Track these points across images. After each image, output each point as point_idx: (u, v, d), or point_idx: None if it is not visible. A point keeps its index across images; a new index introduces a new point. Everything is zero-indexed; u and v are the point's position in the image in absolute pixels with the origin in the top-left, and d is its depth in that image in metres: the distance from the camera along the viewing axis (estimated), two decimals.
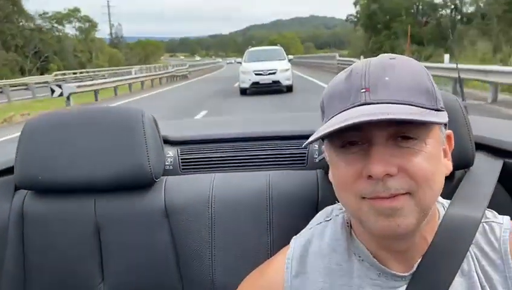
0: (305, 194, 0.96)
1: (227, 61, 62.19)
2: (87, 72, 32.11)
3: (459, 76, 1.42)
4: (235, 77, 15.95)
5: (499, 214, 0.67)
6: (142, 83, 19.06)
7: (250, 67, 13.48)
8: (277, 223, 0.95)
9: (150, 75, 21.11)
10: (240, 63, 15.04)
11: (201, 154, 1.13)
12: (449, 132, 0.65)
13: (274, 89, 13.16)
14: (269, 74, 13.27)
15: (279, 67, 13.39)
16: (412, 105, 0.57)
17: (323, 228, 0.72)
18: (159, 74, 22.76)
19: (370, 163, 0.56)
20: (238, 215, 0.97)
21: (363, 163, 0.57)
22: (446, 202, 0.70)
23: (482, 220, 0.65)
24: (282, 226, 0.94)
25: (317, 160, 1.00)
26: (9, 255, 1.00)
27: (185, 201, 0.98)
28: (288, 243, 0.74)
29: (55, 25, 40.18)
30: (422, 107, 0.57)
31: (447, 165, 0.64)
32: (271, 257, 0.79)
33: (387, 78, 0.58)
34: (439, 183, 0.60)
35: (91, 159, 0.96)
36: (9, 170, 1.03)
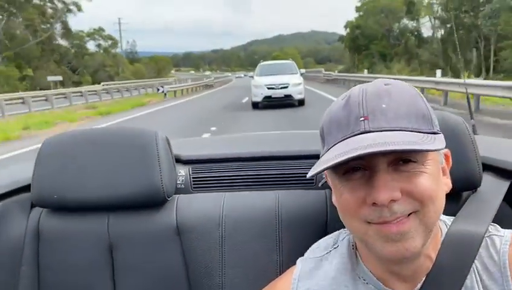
0: (314, 214, 0.98)
1: (236, 75, 66.29)
2: (125, 83, 38.43)
3: (467, 95, 1.44)
4: (247, 86, 18.73)
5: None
6: (188, 89, 27.24)
7: (262, 82, 13.60)
8: (286, 242, 0.98)
9: (197, 84, 31.07)
10: (252, 77, 15.28)
11: (212, 173, 1.15)
12: (447, 151, 0.66)
13: (286, 103, 13.42)
14: (281, 88, 13.38)
15: (291, 81, 13.50)
16: (410, 131, 0.58)
17: (327, 252, 0.74)
18: (200, 83, 32.29)
19: (374, 191, 0.57)
20: (248, 234, 0.99)
21: (367, 190, 0.58)
22: (448, 219, 0.71)
23: (485, 235, 0.65)
24: (291, 245, 0.97)
25: (320, 184, 1.02)
26: (25, 272, 1.03)
27: (196, 220, 1.01)
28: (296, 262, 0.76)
29: (83, 42, 46.95)
30: (420, 132, 0.59)
31: (447, 183, 0.65)
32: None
33: (384, 105, 0.59)
34: (441, 200, 0.61)
35: (105, 178, 0.99)
36: (26, 188, 1.06)
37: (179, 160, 1.17)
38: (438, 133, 0.61)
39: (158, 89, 22.79)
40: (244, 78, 40.45)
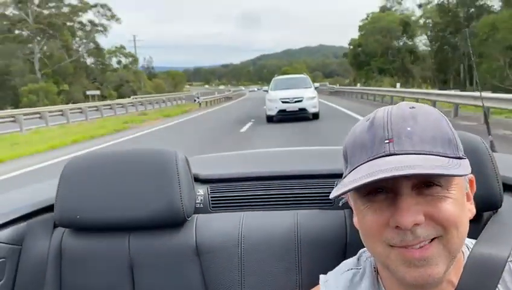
0: (333, 234, 0.98)
1: (250, 89, 67.61)
2: (151, 97, 42.31)
3: (484, 109, 1.49)
4: (261, 97, 21.36)
5: None
6: (214, 100, 31.82)
7: (276, 95, 13.83)
8: (305, 263, 0.98)
9: (221, 96, 35.88)
10: (266, 91, 15.52)
11: (231, 192, 1.16)
12: (471, 176, 0.65)
13: (300, 116, 13.50)
14: (295, 101, 13.54)
15: (306, 95, 13.67)
16: (435, 155, 0.58)
17: (352, 275, 0.73)
18: (223, 95, 37.31)
19: (398, 214, 0.57)
20: (267, 254, 0.99)
21: (390, 212, 0.58)
22: (470, 242, 0.70)
23: (508, 259, 0.64)
24: (310, 266, 0.97)
25: (340, 204, 1.02)
26: None
27: (215, 240, 1.02)
28: (316, 283, 0.77)
29: (105, 59, 51.42)
30: (445, 157, 0.58)
31: (471, 209, 0.65)
32: None
33: (410, 128, 0.59)
34: (465, 226, 0.61)
35: (126, 198, 1.01)
36: (49, 208, 1.09)
37: (197, 179, 1.18)
38: (463, 158, 0.61)
39: (195, 100, 28.59)
40: (257, 91, 44.11)
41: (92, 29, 43.91)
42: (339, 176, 0.78)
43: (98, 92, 35.89)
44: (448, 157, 0.59)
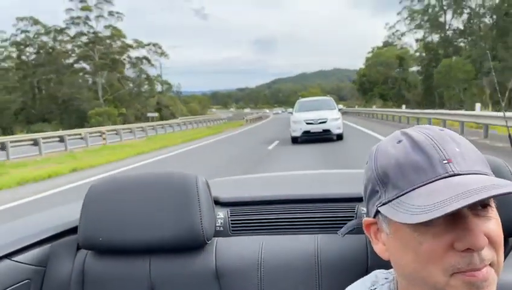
0: (354, 259, 0.98)
1: (274, 112, 70.04)
2: (192, 118, 51.01)
3: (508, 129, 1.37)
4: (286, 117, 24.45)
5: None
6: (252, 119, 41.30)
7: (301, 117, 14.14)
8: (326, 288, 0.97)
9: (256, 116, 45.12)
10: (291, 113, 15.82)
11: (251, 215, 1.17)
12: None
13: (324, 137, 13.71)
14: (320, 122, 13.78)
15: (330, 116, 13.91)
16: (487, 175, 0.58)
17: None
18: (255, 116, 45.95)
19: (469, 235, 0.54)
20: (287, 280, 1.00)
21: (453, 235, 0.55)
22: None
23: None
24: None
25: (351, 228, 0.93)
26: None
27: (235, 264, 1.03)
28: None
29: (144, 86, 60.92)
30: (491, 176, 0.58)
31: None
32: None
33: (458, 149, 0.58)
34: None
35: (148, 221, 1.03)
36: (73, 230, 1.11)
37: (217, 202, 1.20)
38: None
39: (243, 118, 37.20)
40: (281, 114, 52.24)
41: (140, 61, 53.54)
42: (359, 199, 0.87)
43: (156, 114, 44.84)
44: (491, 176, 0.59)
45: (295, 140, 14.16)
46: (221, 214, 1.18)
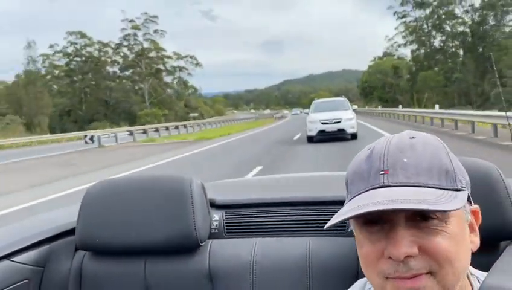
0: (345, 262, 1.00)
1: (293, 112, 74.27)
2: (224, 118, 61.94)
3: (510, 128, 1.37)
4: (303, 117, 24.69)
5: None
6: (278, 117, 52.05)
7: (316, 117, 14.95)
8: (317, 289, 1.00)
9: (280, 115, 56.01)
10: (307, 113, 16.92)
11: (245, 218, 1.20)
12: (475, 207, 0.66)
13: (339, 137, 14.43)
14: (334, 122, 14.53)
15: (344, 116, 14.68)
16: (430, 187, 0.59)
17: None
18: (279, 115, 56.46)
19: (391, 245, 0.58)
20: (279, 281, 1.03)
21: (385, 243, 0.59)
22: (481, 275, 0.69)
23: None
24: None
25: (349, 230, 0.98)
26: None
27: (228, 265, 1.06)
28: None
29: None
30: (440, 189, 0.59)
31: (474, 241, 0.65)
32: None
33: (406, 159, 0.60)
34: (463, 260, 0.61)
35: (143, 223, 1.07)
36: (71, 231, 1.15)
37: (213, 204, 1.23)
38: (461, 190, 0.61)
39: (273, 116, 47.37)
40: (300, 114, 53.93)
41: (178, 69, 64.54)
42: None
43: (197, 114, 55.68)
44: (444, 189, 0.59)
45: (311, 139, 14.98)
46: (217, 216, 1.21)
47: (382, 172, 0.61)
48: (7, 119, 48.11)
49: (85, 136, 23.85)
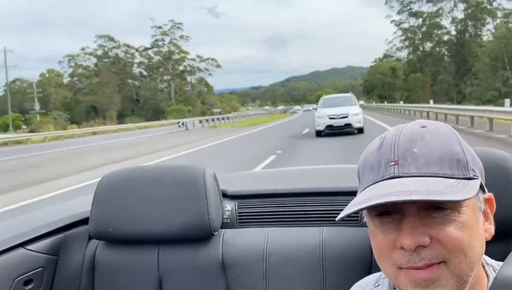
0: (358, 251, 1.00)
1: (305, 109, 75.77)
2: (241, 113, 70.37)
3: None
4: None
5: None
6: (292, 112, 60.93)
7: (324, 113, 15.78)
8: (330, 280, 1.01)
9: (294, 110, 65.95)
10: (315, 109, 17.91)
11: (257, 208, 1.22)
12: (489, 195, 0.66)
13: (346, 131, 15.27)
14: (341, 117, 15.31)
15: (351, 111, 15.47)
16: (441, 177, 0.59)
17: None
18: (292, 110, 65.60)
19: (401, 235, 0.59)
20: (292, 270, 1.04)
21: (397, 234, 0.60)
22: (497, 264, 0.69)
23: None
24: (335, 282, 1.00)
25: (363, 221, 0.97)
26: None
27: (241, 255, 1.07)
28: None
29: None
30: (452, 178, 0.59)
31: (488, 230, 0.65)
32: None
33: (416, 149, 0.61)
34: (477, 249, 0.61)
35: (157, 212, 1.09)
36: (85, 221, 1.18)
37: (225, 195, 1.25)
38: (473, 178, 0.61)
39: (285, 111, 56.66)
40: (312, 110, 57.82)
41: (198, 71, 73.41)
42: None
43: (219, 110, 64.42)
44: (456, 178, 0.60)
45: (319, 133, 15.85)
46: (229, 206, 1.24)
47: (393, 163, 0.61)
48: (54, 114, 57.17)
49: (178, 122, 34.31)
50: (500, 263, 0.67)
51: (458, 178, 0.60)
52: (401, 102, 41.90)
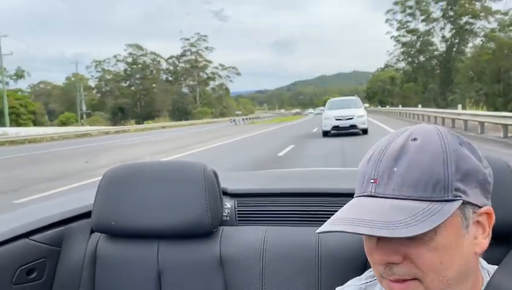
0: (354, 251, 1.02)
1: (316, 112, 78.80)
2: (255, 115, 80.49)
3: None
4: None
5: None
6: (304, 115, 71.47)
7: (331, 114, 16.99)
8: (325, 278, 1.04)
9: (307, 112, 77.25)
10: (323, 110, 19.22)
11: (257, 207, 1.25)
12: (487, 208, 0.64)
13: (351, 132, 16.47)
14: (347, 119, 16.48)
15: (356, 113, 16.63)
16: (413, 200, 0.59)
17: (371, 287, 0.77)
18: (305, 113, 76.48)
19: (375, 250, 0.62)
20: (288, 269, 1.07)
21: (374, 245, 0.63)
22: (492, 268, 0.70)
23: None
24: (330, 282, 1.03)
25: None
26: None
27: (239, 252, 1.10)
28: None
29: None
30: (427, 200, 0.59)
31: (481, 244, 0.64)
32: None
33: (396, 168, 0.61)
34: (455, 267, 0.61)
35: (158, 208, 1.12)
36: (88, 214, 1.21)
37: (225, 193, 1.28)
38: (453, 200, 0.60)
39: (300, 113, 68.01)
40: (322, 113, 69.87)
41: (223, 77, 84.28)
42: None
43: (240, 112, 74.99)
44: (432, 200, 0.59)
45: (326, 134, 17.15)
46: (229, 204, 1.26)
47: (372, 181, 0.62)
48: (97, 115, 67.79)
49: (230, 119, 45.94)
50: (495, 267, 0.69)
51: (434, 200, 0.59)
52: (400, 106, 51.49)
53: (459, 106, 27.60)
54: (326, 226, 0.63)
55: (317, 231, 0.64)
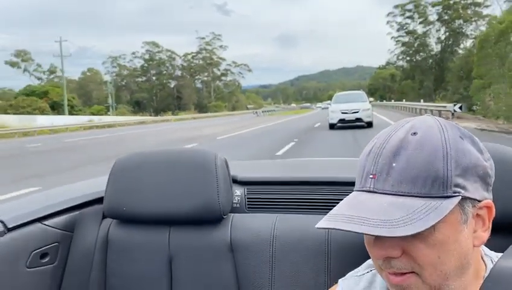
0: (362, 238, 1.01)
1: (323, 106, 79.31)
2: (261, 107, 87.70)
3: None
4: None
5: None
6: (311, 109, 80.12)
7: (337, 108, 17.95)
8: (334, 265, 1.06)
9: (313, 107, 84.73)
10: (329, 104, 20.29)
11: (266, 195, 1.28)
12: (486, 202, 0.65)
13: (356, 124, 17.30)
14: (353, 112, 17.34)
15: (361, 107, 17.45)
16: (412, 196, 0.60)
17: (373, 276, 0.78)
18: (311, 107, 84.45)
19: (373, 245, 0.63)
20: (297, 255, 1.09)
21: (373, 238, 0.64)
22: (496, 256, 0.71)
23: None
24: (339, 268, 1.04)
25: None
26: (94, 277, 1.19)
27: (249, 238, 1.13)
28: None
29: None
30: (425, 197, 0.60)
31: (480, 237, 0.65)
32: None
33: (395, 164, 0.61)
34: (453, 262, 0.62)
35: (169, 194, 1.15)
36: (100, 200, 1.25)
37: (235, 181, 1.31)
38: (451, 197, 0.60)
39: (307, 107, 75.82)
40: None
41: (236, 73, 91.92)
42: None
43: (252, 106, 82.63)
44: (430, 197, 0.60)
45: (332, 126, 18.31)
46: (238, 191, 1.30)
47: (371, 176, 0.63)
48: (120, 107, 75.45)
49: (253, 111, 52.52)
50: (499, 255, 0.70)
51: (433, 197, 0.60)
52: (404, 100, 58.72)
53: (422, 100, 34.94)
54: (325, 222, 0.64)
55: (316, 226, 0.64)
